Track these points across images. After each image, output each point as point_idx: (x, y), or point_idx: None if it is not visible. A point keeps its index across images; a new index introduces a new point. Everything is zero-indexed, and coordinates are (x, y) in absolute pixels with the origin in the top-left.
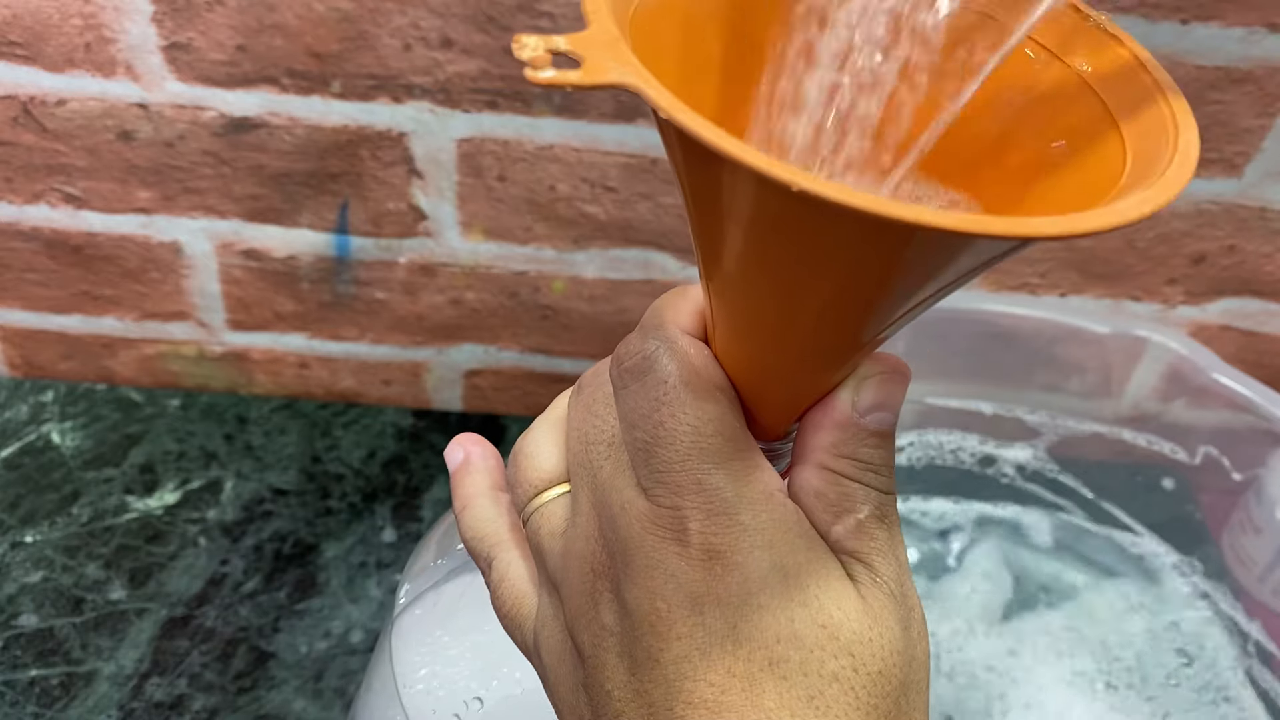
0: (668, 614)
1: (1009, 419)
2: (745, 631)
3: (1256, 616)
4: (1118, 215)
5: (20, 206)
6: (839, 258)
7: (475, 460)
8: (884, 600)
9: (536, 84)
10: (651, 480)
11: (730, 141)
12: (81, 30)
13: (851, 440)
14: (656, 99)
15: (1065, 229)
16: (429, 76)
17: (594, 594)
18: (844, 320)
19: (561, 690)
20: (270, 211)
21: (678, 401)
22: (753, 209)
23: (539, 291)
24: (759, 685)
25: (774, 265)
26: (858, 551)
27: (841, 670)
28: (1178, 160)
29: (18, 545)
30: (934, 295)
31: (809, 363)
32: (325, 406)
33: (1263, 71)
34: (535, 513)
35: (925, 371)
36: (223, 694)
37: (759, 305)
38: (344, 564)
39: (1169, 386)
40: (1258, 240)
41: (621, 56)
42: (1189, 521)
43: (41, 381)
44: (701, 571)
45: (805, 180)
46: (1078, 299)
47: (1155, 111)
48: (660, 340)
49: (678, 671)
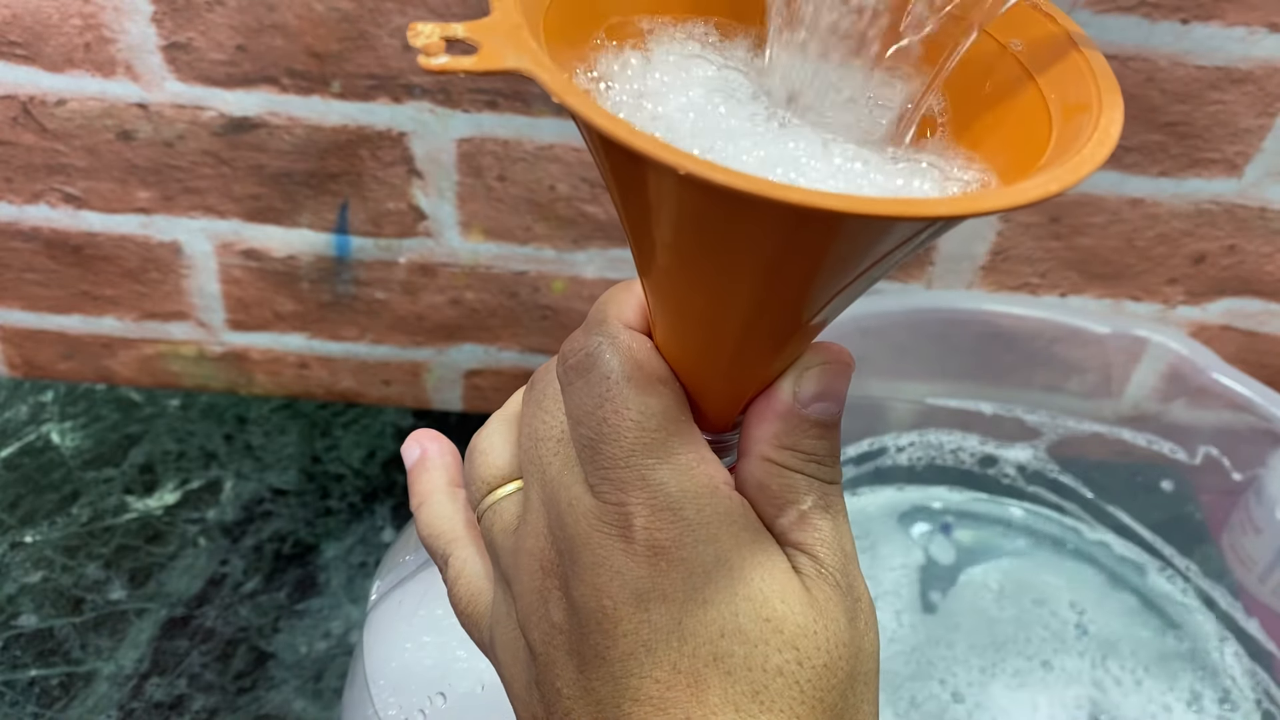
0: (614, 611)
1: (1009, 419)
2: (690, 627)
3: (1257, 616)
4: (1018, 195)
5: (20, 206)
6: (745, 240)
7: (432, 456)
8: (829, 592)
9: (427, 70)
10: (597, 476)
11: (621, 125)
12: (81, 30)
13: (793, 431)
14: (549, 83)
15: (959, 209)
16: (429, 76)
17: (543, 592)
18: (770, 304)
19: (516, 687)
20: (270, 211)
21: (620, 397)
22: (656, 194)
23: (539, 291)
24: (704, 681)
25: (690, 250)
26: (802, 543)
27: (786, 664)
28: (1095, 139)
29: (18, 545)
30: (860, 277)
31: (745, 350)
32: (325, 406)
33: (1263, 71)
34: (488, 510)
35: (925, 371)
36: (223, 694)
37: (687, 292)
38: (344, 564)
39: (1169, 386)
40: (1258, 240)
41: (520, 43)
42: (1189, 521)
43: (41, 381)
44: (646, 568)
45: (692, 162)
46: (1078, 299)
47: (1082, 88)
48: (603, 336)
49: (624, 669)
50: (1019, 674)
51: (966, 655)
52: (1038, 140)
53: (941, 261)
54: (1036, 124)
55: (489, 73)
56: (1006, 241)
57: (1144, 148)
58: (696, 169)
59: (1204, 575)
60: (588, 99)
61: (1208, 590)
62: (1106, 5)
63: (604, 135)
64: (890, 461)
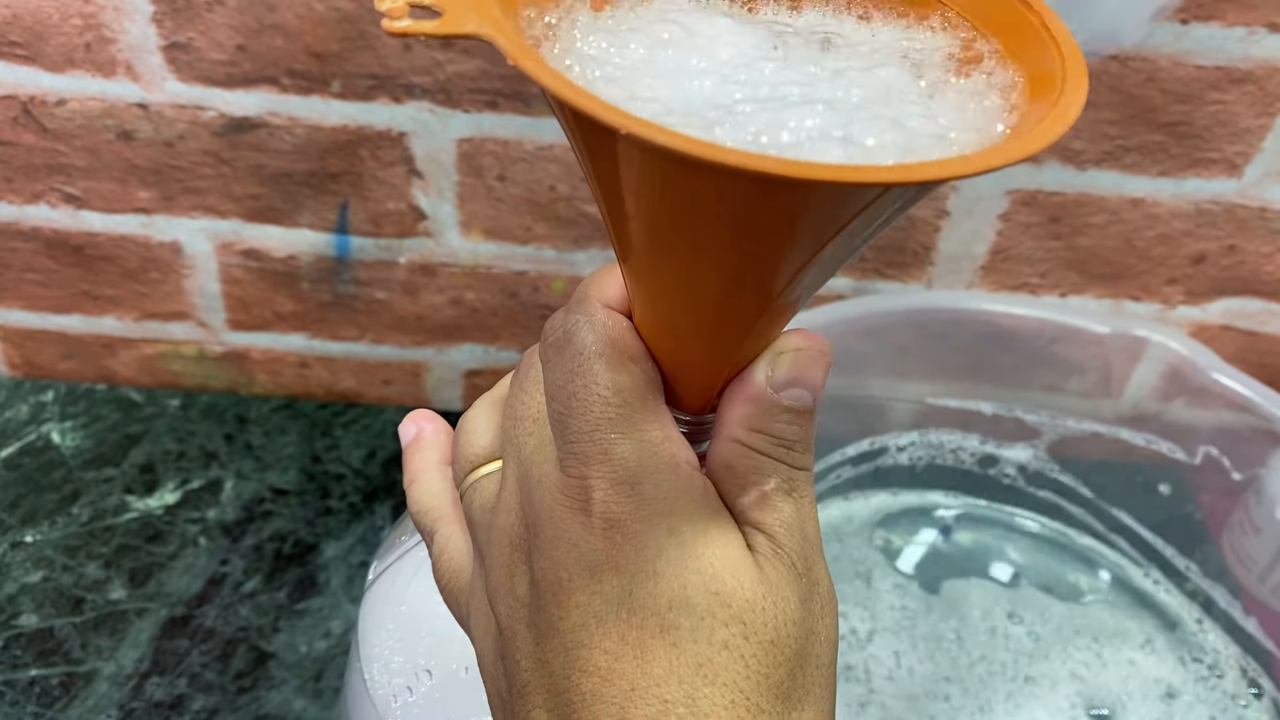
0: (568, 582)
1: (1009, 419)
2: (639, 598)
3: (1256, 616)
4: (966, 165)
5: (20, 206)
6: (699, 204)
7: (426, 436)
8: (782, 571)
9: (390, 33)
10: (565, 450)
11: (570, 87)
12: (81, 30)
13: (765, 415)
14: (505, 47)
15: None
16: (429, 76)
17: (511, 565)
18: (737, 276)
19: (485, 662)
20: (270, 211)
21: (590, 372)
22: (610, 160)
23: (539, 291)
24: (650, 652)
25: (650, 218)
26: (760, 523)
27: (732, 638)
28: (1053, 116)
29: (18, 545)
30: (826, 248)
31: (719, 328)
32: (325, 406)
33: (1263, 71)
34: (469, 488)
35: (925, 371)
36: (223, 694)
37: (656, 267)
38: (344, 564)
39: (1169, 386)
40: (1258, 240)
41: (482, 8)
42: (1189, 521)
43: (41, 381)
44: (602, 540)
45: (632, 122)
46: (1078, 299)
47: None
48: (581, 314)
49: (574, 639)
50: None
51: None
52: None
53: (941, 261)
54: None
55: (450, 36)
56: (1006, 241)
57: (1144, 148)
58: (635, 128)
59: (1204, 575)
60: (542, 63)
61: (1208, 590)
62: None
63: (555, 97)
64: (890, 462)
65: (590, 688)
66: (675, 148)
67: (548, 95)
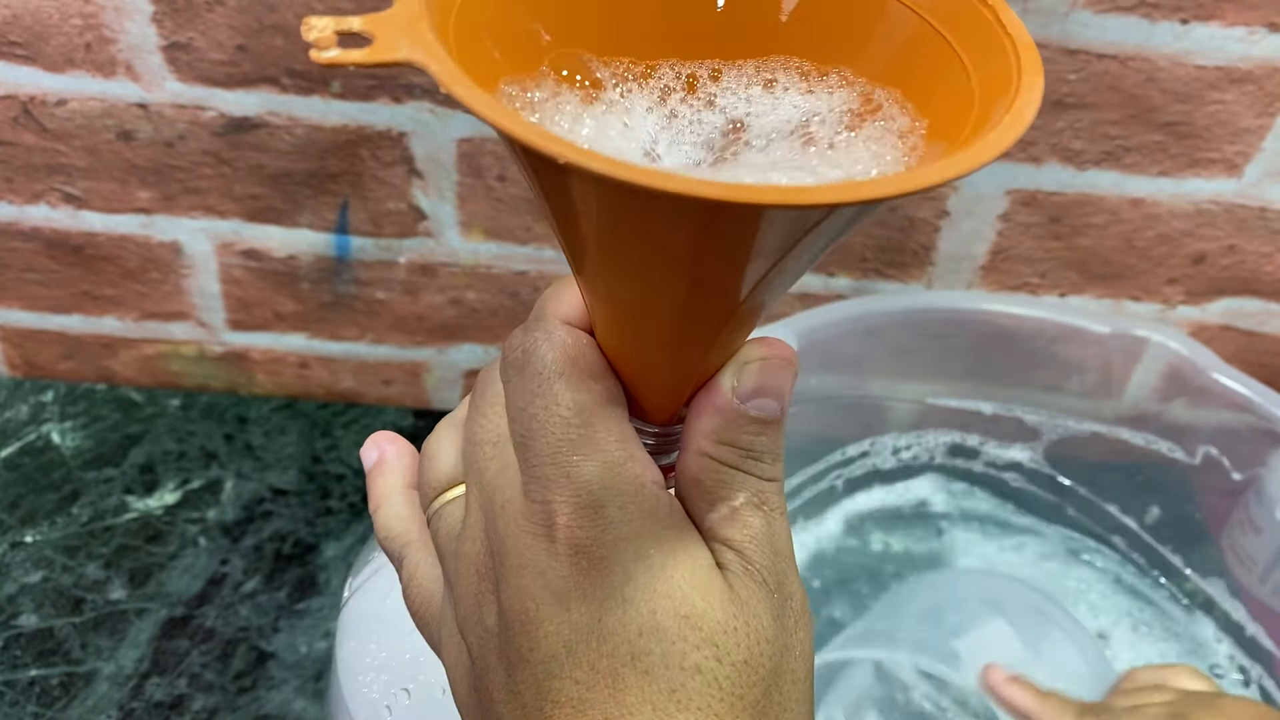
0: (536, 612)
1: (1009, 419)
2: (609, 626)
3: (1257, 617)
4: (913, 180)
5: (20, 206)
6: (645, 228)
7: (390, 459)
8: (753, 588)
9: (319, 63)
10: (527, 475)
11: (505, 115)
12: (81, 30)
13: (731, 426)
14: (438, 73)
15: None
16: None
17: (479, 595)
18: (692, 292)
19: (459, 691)
20: (270, 211)
21: (551, 392)
22: (558, 185)
23: (539, 291)
24: (622, 680)
25: (601, 241)
26: (730, 539)
27: (704, 661)
28: (1006, 123)
29: (18, 545)
30: (778, 265)
31: (679, 340)
32: (325, 406)
33: (1263, 71)
34: (435, 515)
35: (925, 371)
36: (223, 694)
37: (612, 284)
38: (344, 564)
39: (1169, 386)
40: (1258, 240)
41: (415, 34)
42: (1189, 521)
43: (41, 381)
44: (569, 567)
45: (572, 151)
46: (1078, 299)
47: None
48: (540, 331)
49: (545, 670)
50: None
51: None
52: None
53: (941, 261)
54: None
55: (379, 65)
56: (1006, 241)
57: (1144, 148)
58: (576, 158)
59: (1204, 575)
60: (478, 91)
61: (1208, 590)
62: (1106, 5)
63: (494, 127)
64: (890, 462)
65: (563, 718)
66: (616, 176)
67: (490, 125)
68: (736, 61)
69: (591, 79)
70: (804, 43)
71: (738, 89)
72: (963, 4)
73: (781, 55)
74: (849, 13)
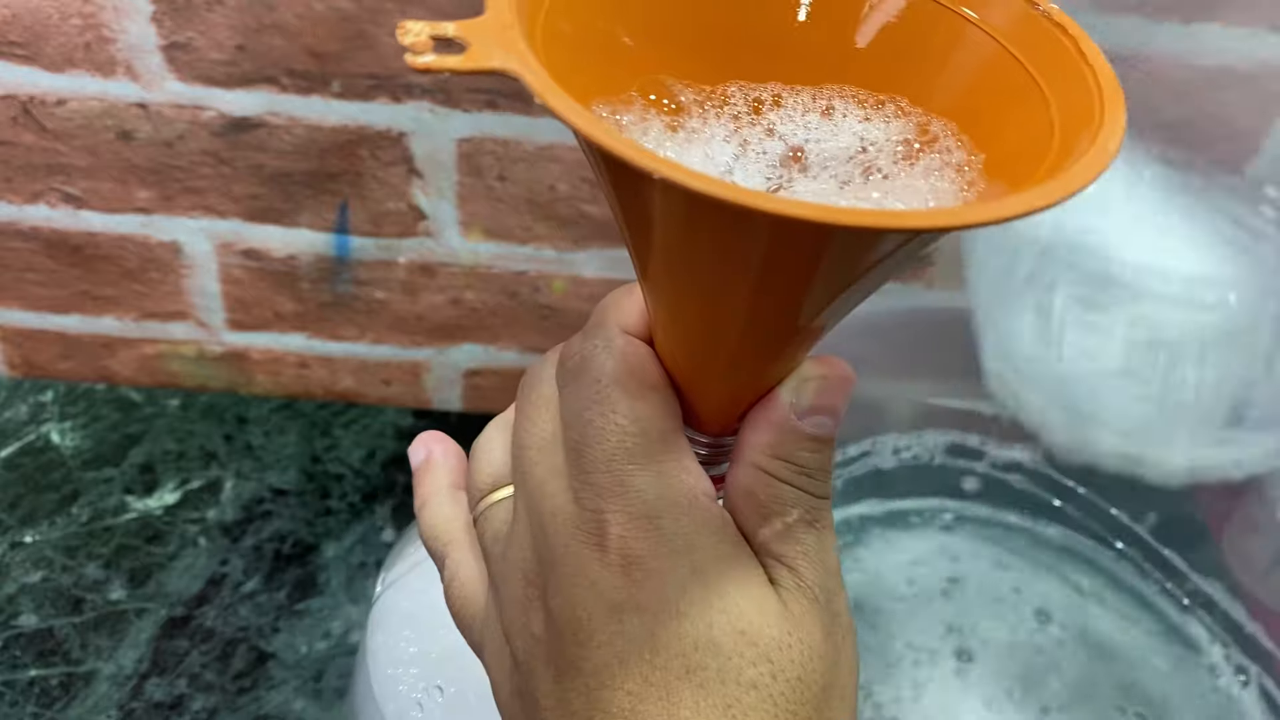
0: (588, 622)
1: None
2: (663, 639)
3: (1257, 617)
4: (1001, 209)
5: (20, 206)
6: (729, 245)
7: (436, 458)
8: (806, 605)
9: (414, 68)
10: (580, 482)
11: (601, 128)
12: (81, 30)
13: (788, 442)
14: (533, 84)
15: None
16: (429, 76)
17: (525, 601)
18: (763, 310)
19: (502, 695)
20: (270, 211)
21: (608, 400)
22: (640, 198)
23: (539, 291)
24: (676, 694)
25: (680, 255)
26: (783, 555)
27: (760, 677)
28: (1092, 153)
29: (18, 545)
30: (851, 286)
31: (742, 355)
32: (325, 406)
33: (1263, 71)
34: (482, 515)
35: (925, 371)
36: (222, 694)
37: (682, 297)
38: (344, 564)
39: None
40: None
41: (509, 43)
42: (1189, 521)
43: (41, 381)
44: (621, 578)
45: (667, 167)
46: None
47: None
48: (600, 339)
49: (597, 680)
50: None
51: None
52: (1041, 146)
53: (942, 261)
54: (1040, 129)
55: (475, 72)
56: None
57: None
58: (670, 174)
59: (1204, 575)
60: (571, 102)
61: (1208, 590)
62: (1107, 5)
63: (588, 140)
64: (889, 462)
65: None
66: (715, 194)
67: (579, 136)
68: (794, 87)
69: (676, 103)
70: (870, 67)
71: (796, 115)
72: (1044, 33)
73: (840, 83)
74: (924, 37)
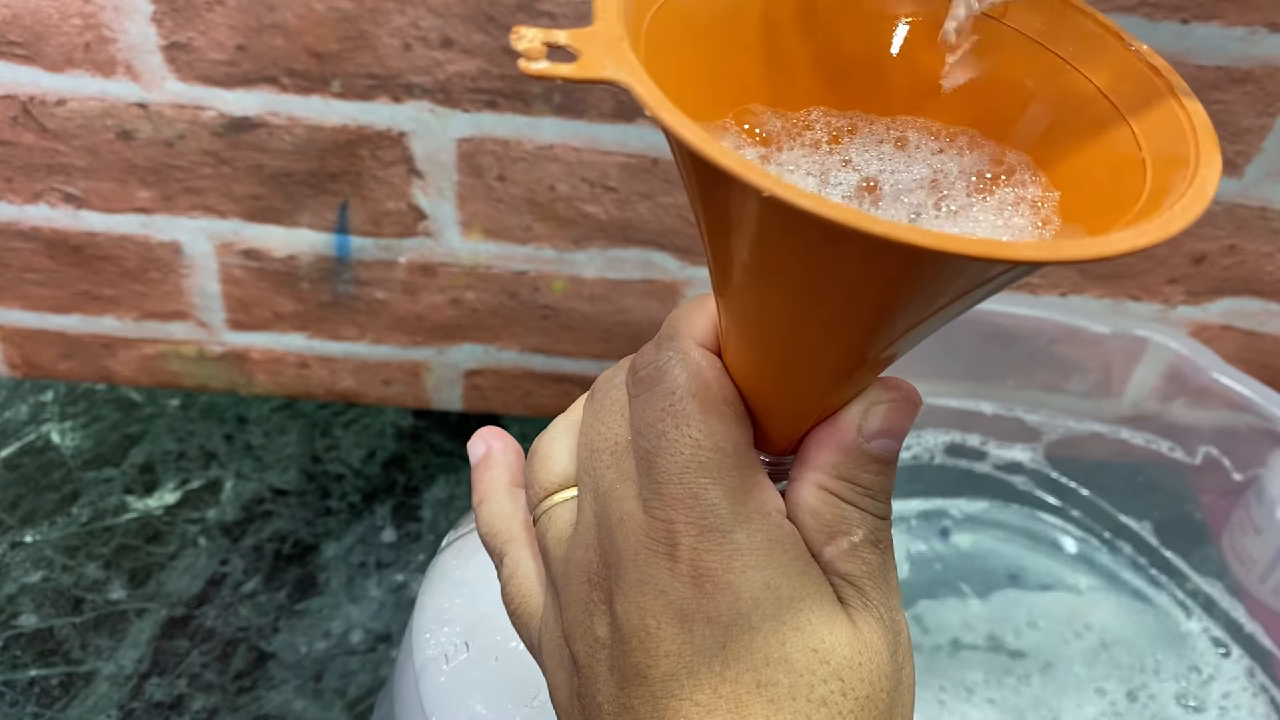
0: (657, 630)
1: (1009, 419)
2: (734, 652)
3: (1257, 617)
4: (1105, 246)
5: (20, 206)
6: (825, 266)
7: (496, 455)
8: (874, 625)
9: (527, 74)
10: (650, 491)
11: (710, 142)
12: (81, 30)
13: (853, 463)
14: (645, 97)
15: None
16: (429, 76)
17: (589, 604)
18: (843, 332)
19: (559, 695)
20: (270, 211)
21: (683, 414)
22: (739, 214)
23: (539, 291)
24: (746, 707)
25: (767, 272)
26: (850, 575)
27: (830, 695)
28: (1190, 194)
29: (18, 545)
30: (939, 312)
31: (814, 376)
32: (325, 406)
33: (1263, 71)
34: (544, 515)
35: (925, 371)
36: (223, 694)
37: (761, 314)
38: (344, 564)
39: (1169, 386)
40: (1258, 240)
41: (619, 54)
42: (1189, 521)
43: (41, 381)
44: (691, 589)
45: (776, 185)
46: (1078, 299)
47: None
48: (674, 351)
49: (665, 689)
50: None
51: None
52: (1128, 186)
53: None
54: (1128, 170)
55: (587, 81)
56: None
57: None
58: (780, 192)
59: (1204, 575)
60: (679, 114)
61: (1208, 590)
62: (1107, 5)
63: (693, 152)
64: None
65: None
66: (822, 214)
67: (683, 149)
68: (870, 117)
69: (766, 132)
70: (949, 99)
71: (870, 146)
72: (1137, 75)
73: (914, 115)
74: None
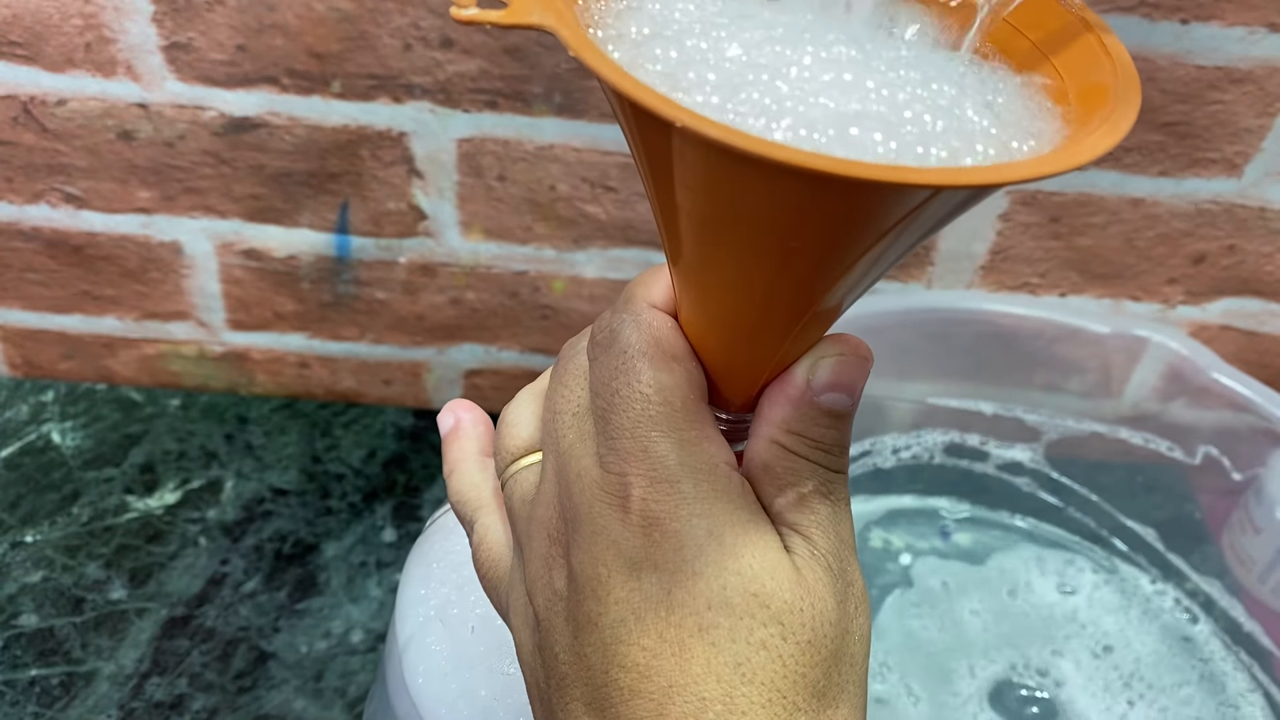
0: (607, 579)
1: (1009, 419)
2: (678, 597)
3: (1256, 616)
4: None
5: (20, 206)
6: (750, 198)
7: (465, 425)
8: (819, 573)
9: (457, 20)
10: (605, 446)
11: (626, 78)
12: (81, 30)
13: (804, 417)
14: (568, 38)
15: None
16: (429, 76)
17: (549, 559)
18: (785, 273)
19: (524, 653)
20: (270, 211)
21: (633, 370)
22: (663, 150)
23: (539, 291)
24: (688, 650)
25: (700, 212)
26: (797, 524)
27: (770, 638)
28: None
29: (18, 545)
30: (872, 250)
31: (763, 328)
32: (325, 406)
33: (1263, 71)
34: (510, 479)
35: (925, 371)
36: (223, 694)
37: (705, 265)
38: (344, 564)
39: (1169, 386)
40: (1258, 240)
41: (549, 2)
42: (1189, 521)
43: (41, 381)
44: (640, 537)
45: (689, 116)
46: (1078, 299)
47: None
48: (628, 314)
49: (613, 635)
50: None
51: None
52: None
53: (941, 261)
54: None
55: (514, 26)
56: (1006, 241)
57: (1144, 148)
58: (691, 122)
59: (1204, 575)
60: (605, 57)
61: (1207, 590)
62: (1106, 5)
63: (613, 89)
64: (890, 462)
65: (629, 683)
66: (729, 142)
67: (606, 88)
68: None
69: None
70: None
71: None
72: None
73: None
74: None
